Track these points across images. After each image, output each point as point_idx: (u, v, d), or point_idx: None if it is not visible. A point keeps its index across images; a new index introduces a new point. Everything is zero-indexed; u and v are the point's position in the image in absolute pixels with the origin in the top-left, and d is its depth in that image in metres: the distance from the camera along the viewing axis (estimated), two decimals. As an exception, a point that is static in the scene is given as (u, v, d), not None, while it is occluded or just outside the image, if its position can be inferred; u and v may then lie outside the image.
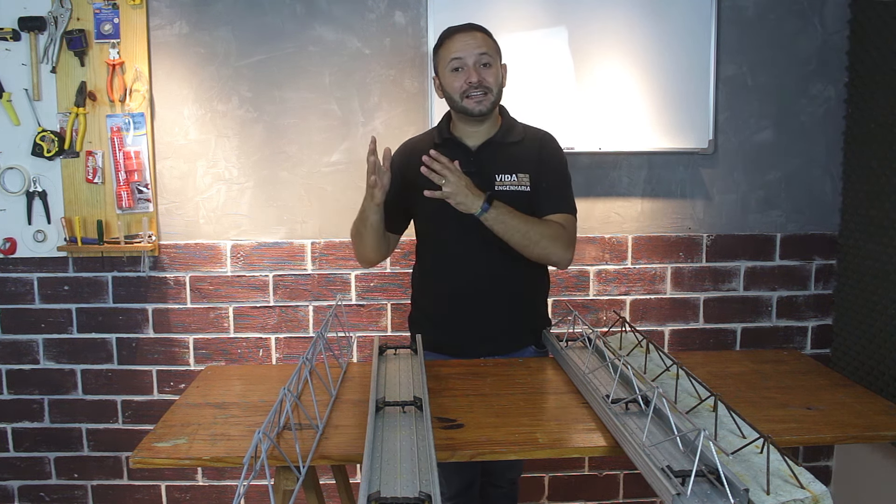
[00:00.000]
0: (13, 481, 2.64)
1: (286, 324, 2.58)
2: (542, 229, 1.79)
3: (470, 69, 1.80)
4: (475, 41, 1.82)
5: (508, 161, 1.87)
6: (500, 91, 1.87)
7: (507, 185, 1.84)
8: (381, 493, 1.08)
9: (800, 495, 1.12)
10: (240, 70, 2.48)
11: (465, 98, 1.82)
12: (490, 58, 1.82)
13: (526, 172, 1.86)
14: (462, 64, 1.81)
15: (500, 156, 1.87)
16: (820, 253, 2.65)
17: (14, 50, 2.39)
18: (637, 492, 2.72)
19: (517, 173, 1.85)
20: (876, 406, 1.57)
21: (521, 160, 1.88)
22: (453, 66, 1.82)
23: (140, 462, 1.35)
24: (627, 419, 1.38)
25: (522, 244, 1.78)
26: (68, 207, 2.46)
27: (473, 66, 1.80)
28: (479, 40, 1.82)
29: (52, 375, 2.58)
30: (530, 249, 1.79)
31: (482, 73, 1.80)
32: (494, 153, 1.88)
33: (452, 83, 1.82)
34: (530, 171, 1.86)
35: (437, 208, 1.78)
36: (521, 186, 1.85)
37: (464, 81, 1.80)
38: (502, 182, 1.84)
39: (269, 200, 2.54)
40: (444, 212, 1.77)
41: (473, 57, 1.80)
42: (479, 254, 1.86)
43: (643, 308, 2.65)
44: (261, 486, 2.63)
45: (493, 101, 1.84)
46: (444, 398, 1.59)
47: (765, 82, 2.55)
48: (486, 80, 1.81)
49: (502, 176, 1.85)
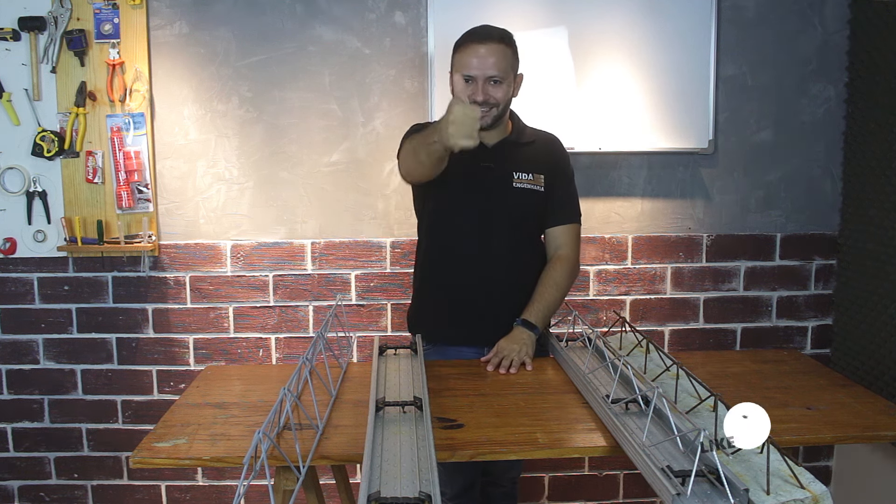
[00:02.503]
0: (13, 481, 2.64)
1: (286, 324, 2.58)
2: (563, 287, 1.93)
3: (478, 86, 1.82)
4: (491, 59, 1.81)
5: (525, 160, 1.92)
6: (507, 105, 1.90)
7: (525, 184, 1.91)
8: (381, 493, 1.08)
9: (800, 495, 1.12)
10: (240, 70, 2.48)
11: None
12: (501, 77, 1.82)
13: (541, 174, 1.93)
14: (472, 79, 1.83)
15: (517, 154, 1.93)
16: (820, 253, 2.65)
17: (14, 50, 2.39)
18: (637, 492, 2.72)
19: (533, 173, 1.92)
20: (876, 406, 1.57)
21: (536, 161, 1.94)
22: (464, 76, 1.84)
23: (140, 462, 1.35)
24: (627, 419, 1.38)
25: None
26: (68, 207, 2.46)
27: (482, 85, 1.82)
28: (495, 58, 1.81)
29: (52, 375, 2.58)
30: None
31: (489, 91, 1.82)
32: (511, 151, 1.93)
33: (463, 91, 1.85)
34: (545, 172, 1.93)
35: (463, 185, 1.86)
36: (536, 186, 1.92)
37: (470, 96, 1.83)
38: (519, 180, 1.90)
39: (269, 200, 2.54)
40: (469, 189, 1.86)
41: (484, 77, 1.82)
42: (499, 237, 1.90)
43: (643, 308, 2.65)
44: (261, 486, 2.63)
45: (496, 116, 1.87)
46: (444, 398, 1.59)
47: (765, 82, 2.55)
48: (493, 97, 1.83)
49: (519, 174, 1.91)
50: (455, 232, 1.93)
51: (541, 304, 1.89)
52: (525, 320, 1.86)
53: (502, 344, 1.83)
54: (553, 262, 1.95)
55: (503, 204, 1.90)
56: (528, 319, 1.86)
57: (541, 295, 1.90)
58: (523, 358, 1.80)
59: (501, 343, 1.83)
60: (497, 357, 1.80)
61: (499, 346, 1.83)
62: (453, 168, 1.87)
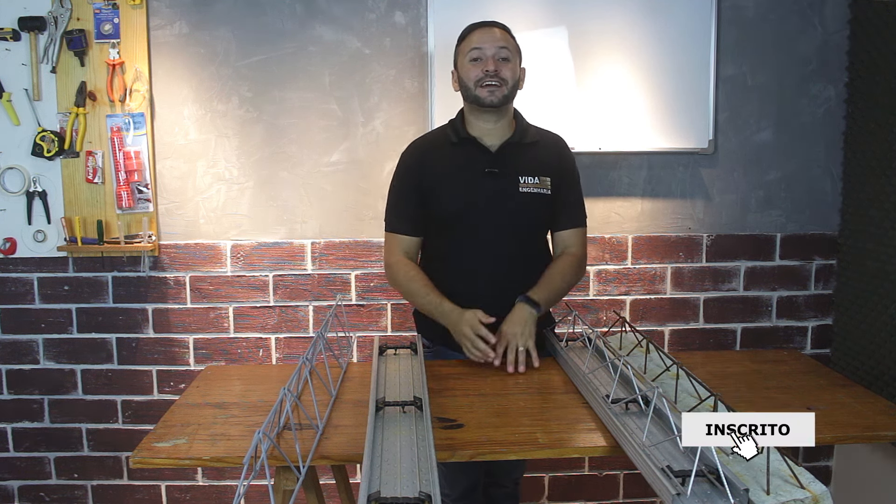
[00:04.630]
0: (13, 481, 2.64)
1: (286, 324, 2.58)
2: (569, 278, 1.93)
3: (488, 60, 1.83)
4: (496, 35, 1.85)
5: (530, 163, 1.90)
6: (515, 88, 1.89)
7: (531, 188, 1.89)
8: (381, 493, 1.08)
9: (800, 495, 1.12)
10: (240, 70, 2.48)
11: (479, 87, 1.84)
12: (509, 53, 1.85)
13: (547, 176, 1.91)
14: (481, 54, 1.84)
15: (521, 157, 1.91)
16: (820, 253, 2.65)
17: (14, 50, 2.39)
18: (637, 492, 2.72)
19: (539, 176, 1.90)
20: (876, 406, 1.57)
21: (541, 163, 1.92)
22: (472, 55, 1.85)
23: (140, 462, 1.35)
24: (627, 419, 1.38)
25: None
26: (68, 207, 2.46)
27: (492, 58, 1.83)
28: (499, 35, 1.86)
29: (52, 375, 2.58)
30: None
31: (499, 66, 1.83)
32: (515, 154, 1.90)
33: (469, 72, 1.85)
34: (551, 174, 1.91)
35: (466, 194, 1.85)
36: (543, 189, 1.89)
37: (481, 70, 1.83)
38: (525, 184, 1.88)
39: (269, 200, 2.54)
40: (474, 197, 1.85)
41: (493, 49, 1.83)
42: (507, 236, 1.89)
43: (643, 308, 2.65)
44: (261, 486, 2.63)
45: (506, 95, 1.85)
46: (444, 398, 1.59)
47: (765, 82, 2.55)
48: (503, 72, 1.83)
49: (525, 178, 1.89)
50: (460, 238, 1.90)
51: (545, 286, 1.86)
52: (527, 297, 1.83)
53: (505, 329, 1.79)
54: (561, 255, 1.95)
55: (510, 209, 1.87)
56: (531, 297, 1.83)
57: (546, 280, 1.88)
58: (527, 343, 1.77)
59: (504, 328, 1.80)
60: (501, 346, 1.77)
61: (503, 332, 1.79)
62: (453, 177, 1.87)
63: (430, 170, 1.89)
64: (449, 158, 1.90)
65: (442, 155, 1.90)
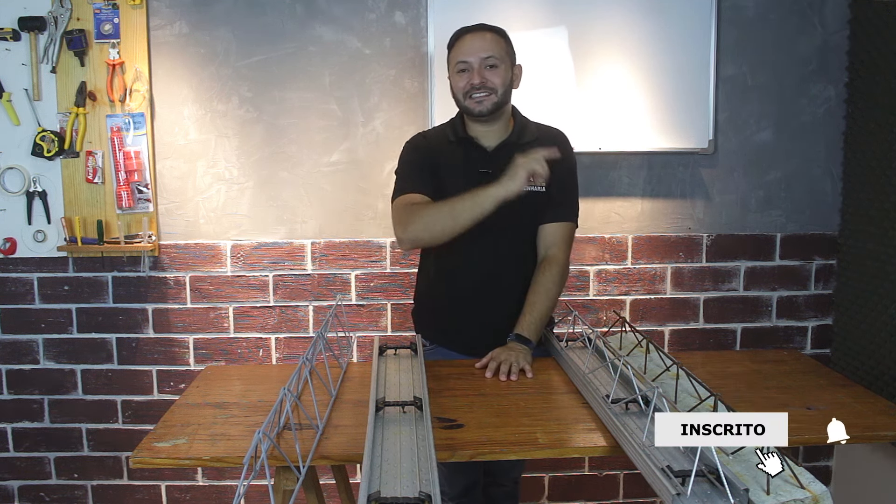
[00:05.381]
0: (13, 481, 2.64)
1: (286, 324, 2.58)
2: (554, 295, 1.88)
3: (474, 71, 1.82)
4: (482, 43, 1.83)
5: None
6: (507, 92, 1.87)
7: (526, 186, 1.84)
8: (381, 493, 1.08)
9: (800, 495, 1.12)
10: (240, 70, 2.48)
11: (468, 98, 1.84)
12: (497, 60, 1.82)
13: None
14: (467, 66, 1.83)
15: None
16: (820, 253, 2.65)
17: (14, 50, 2.39)
18: (637, 492, 2.72)
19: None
20: (876, 406, 1.57)
21: None
22: (459, 68, 1.84)
23: (140, 462, 1.35)
24: (627, 419, 1.38)
25: None
26: (68, 207, 2.46)
27: (478, 69, 1.81)
28: (487, 42, 1.83)
29: (52, 375, 2.58)
30: None
31: (486, 75, 1.82)
32: (511, 154, 1.86)
33: (458, 83, 1.85)
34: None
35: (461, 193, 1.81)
36: (536, 187, 1.85)
37: (467, 83, 1.82)
38: None
39: (269, 200, 2.54)
40: None
41: (478, 60, 1.82)
42: (499, 235, 1.87)
43: (643, 308, 2.65)
44: (261, 486, 2.63)
45: (496, 102, 1.84)
46: (444, 398, 1.59)
47: (765, 82, 2.55)
48: (490, 81, 1.82)
49: None
50: (456, 241, 1.87)
51: (532, 315, 1.84)
52: (518, 335, 1.82)
53: (497, 351, 1.79)
54: (542, 267, 1.89)
55: (502, 209, 1.82)
56: (522, 334, 1.82)
57: (532, 305, 1.85)
58: (522, 364, 1.75)
59: (496, 351, 1.79)
60: (494, 362, 1.76)
61: (494, 353, 1.78)
62: (452, 175, 1.87)
63: (434, 159, 1.89)
64: (448, 156, 1.90)
65: (442, 151, 1.91)
